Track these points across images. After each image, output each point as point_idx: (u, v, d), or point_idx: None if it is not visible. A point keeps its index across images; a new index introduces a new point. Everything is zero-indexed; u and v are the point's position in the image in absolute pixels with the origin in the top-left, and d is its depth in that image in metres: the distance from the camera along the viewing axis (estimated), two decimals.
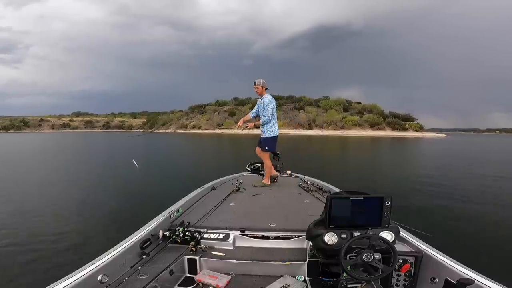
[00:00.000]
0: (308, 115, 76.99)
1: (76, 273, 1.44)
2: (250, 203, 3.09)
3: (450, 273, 1.53)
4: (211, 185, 3.76)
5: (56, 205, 6.14)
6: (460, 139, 62.35)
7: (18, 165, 13.39)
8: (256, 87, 4.14)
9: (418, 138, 52.79)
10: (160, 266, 1.78)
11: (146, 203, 5.57)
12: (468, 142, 43.07)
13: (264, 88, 4.14)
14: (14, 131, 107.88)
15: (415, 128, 73.74)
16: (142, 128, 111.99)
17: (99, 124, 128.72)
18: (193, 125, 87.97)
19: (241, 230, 2.27)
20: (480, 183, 9.11)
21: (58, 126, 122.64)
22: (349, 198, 1.63)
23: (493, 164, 15.17)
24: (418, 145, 33.90)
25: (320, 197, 3.31)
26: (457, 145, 34.58)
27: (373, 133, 66.22)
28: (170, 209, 2.54)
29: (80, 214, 5.48)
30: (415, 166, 13.87)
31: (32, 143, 32.62)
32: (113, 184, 8.65)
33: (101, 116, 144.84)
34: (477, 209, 6.03)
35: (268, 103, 4.13)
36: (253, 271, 1.96)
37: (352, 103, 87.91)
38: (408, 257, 1.73)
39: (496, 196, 7.24)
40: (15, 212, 5.53)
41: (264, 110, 4.16)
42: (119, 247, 1.75)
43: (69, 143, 33.14)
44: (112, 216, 5.23)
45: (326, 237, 1.61)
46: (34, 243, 4.07)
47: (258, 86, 4.12)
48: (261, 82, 4.11)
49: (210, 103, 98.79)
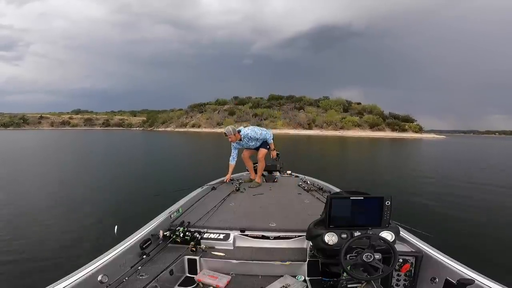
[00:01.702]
0: (308, 115, 77.03)
1: (76, 273, 1.43)
2: (250, 203, 3.08)
3: (450, 273, 1.53)
4: (211, 185, 3.76)
5: (56, 205, 6.11)
6: (460, 140, 62.46)
7: (17, 162, 13.35)
8: (230, 137, 4.01)
9: (418, 139, 52.84)
10: (160, 266, 1.78)
11: (146, 203, 5.56)
12: (467, 144, 43.10)
13: (236, 132, 4.01)
14: (13, 128, 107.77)
15: (415, 129, 73.83)
16: (141, 126, 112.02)
17: (99, 122, 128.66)
18: (193, 123, 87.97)
19: (241, 230, 2.27)
20: (480, 183, 9.12)
21: (58, 124, 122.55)
22: (349, 198, 1.63)
23: (493, 165, 15.19)
24: (418, 146, 33.92)
25: (320, 197, 3.31)
26: (457, 147, 34.63)
27: (373, 134, 66.29)
28: (170, 209, 2.54)
29: (80, 214, 5.46)
30: (415, 166, 13.88)
31: (31, 140, 32.55)
32: (113, 184, 8.62)
33: (100, 114, 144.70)
34: (477, 209, 6.04)
35: (251, 132, 4.09)
36: (253, 271, 1.96)
37: (352, 103, 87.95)
38: (408, 257, 1.73)
39: (496, 197, 7.25)
40: (15, 212, 5.52)
41: (259, 136, 4.12)
42: (119, 247, 1.75)
43: (68, 140, 33.07)
44: (112, 215, 5.22)
45: (326, 237, 1.62)
46: (33, 242, 4.06)
47: (231, 136, 3.99)
48: (230, 130, 3.99)
49: (210, 102, 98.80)
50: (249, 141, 4.16)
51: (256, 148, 4.28)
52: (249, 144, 4.20)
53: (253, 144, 4.22)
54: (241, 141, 4.12)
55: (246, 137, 4.10)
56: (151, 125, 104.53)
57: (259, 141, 4.21)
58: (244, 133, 4.08)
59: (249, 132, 4.08)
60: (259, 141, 4.21)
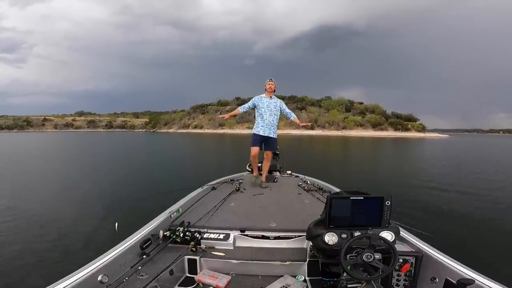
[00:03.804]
0: (310, 115, 76.99)
1: (76, 273, 1.44)
2: (250, 203, 3.08)
3: (451, 273, 1.52)
4: (211, 185, 3.76)
5: (55, 204, 6.16)
6: (464, 139, 61.97)
7: (21, 164, 13.46)
8: (271, 85, 4.07)
9: (421, 139, 52.53)
10: (160, 266, 1.79)
11: (146, 203, 5.58)
12: (472, 143, 42.75)
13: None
14: (17, 130, 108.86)
15: (418, 129, 73.52)
16: (144, 128, 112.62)
17: (102, 124, 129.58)
18: (195, 125, 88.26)
19: (241, 230, 2.27)
20: (481, 183, 9.05)
21: (61, 126, 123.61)
22: (349, 198, 1.63)
23: (498, 164, 15.06)
24: (421, 145, 33.72)
25: (320, 197, 3.30)
26: (461, 146, 34.37)
27: (375, 134, 66.09)
28: (170, 209, 2.54)
29: (80, 213, 5.50)
30: (416, 167, 13.81)
31: (35, 141, 32.83)
32: (114, 184, 8.67)
33: (103, 116, 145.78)
34: (477, 209, 5.99)
35: (283, 105, 4.15)
36: (253, 271, 1.96)
37: (354, 103, 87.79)
38: (408, 257, 1.73)
39: (497, 197, 7.18)
40: (15, 211, 5.56)
41: (283, 111, 4.16)
42: (119, 247, 1.75)
43: (71, 143, 33.29)
44: (112, 216, 5.25)
45: (326, 237, 1.61)
46: (33, 242, 4.08)
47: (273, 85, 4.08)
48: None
49: (212, 103, 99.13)
50: (275, 109, 4.11)
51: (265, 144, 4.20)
52: (272, 113, 4.10)
53: (272, 119, 4.11)
54: (270, 102, 4.07)
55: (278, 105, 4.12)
56: (154, 126, 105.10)
57: (276, 120, 4.15)
58: (278, 100, 4.13)
59: (278, 101, 4.13)
60: (276, 120, 4.15)
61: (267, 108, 4.07)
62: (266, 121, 4.08)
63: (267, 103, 4.08)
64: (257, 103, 4.09)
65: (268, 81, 4.09)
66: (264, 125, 4.09)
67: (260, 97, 4.12)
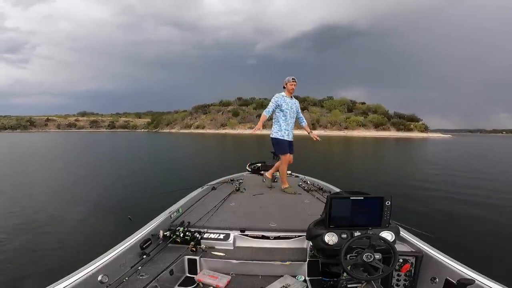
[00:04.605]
0: (312, 116, 76.85)
1: (77, 273, 1.44)
2: (250, 203, 3.09)
3: (451, 273, 1.52)
4: (211, 185, 3.77)
5: (55, 204, 6.19)
6: (467, 140, 61.52)
7: (24, 164, 13.55)
8: (293, 84, 3.67)
9: (424, 139, 52.26)
10: (160, 266, 1.79)
11: (146, 203, 5.60)
12: (475, 143, 42.43)
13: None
14: (20, 130, 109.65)
15: (420, 129, 73.18)
16: (146, 128, 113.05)
17: (105, 124, 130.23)
18: (197, 125, 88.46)
19: (241, 230, 2.27)
20: (481, 183, 8.99)
21: (64, 126, 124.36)
22: (349, 198, 1.63)
23: (500, 165, 14.96)
24: (424, 146, 33.54)
25: (320, 197, 3.30)
26: (464, 146, 34.16)
27: (378, 134, 65.86)
28: (170, 209, 2.55)
29: (80, 213, 5.52)
30: (417, 166, 13.76)
31: (38, 141, 33.03)
32: (114, 184, 8.70)
33: (106, 116, 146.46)
34: (477, 209, 5.95)
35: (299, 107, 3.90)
36: (253, 271, 1.96)
37: (356, 103, 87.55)
38: (408, 257, 1.72)
39: (497, 197, 7.13)
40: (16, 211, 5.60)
41: (298, 114, 3.88)
42: (119, 247, 1.76)
43: (74, 143, 33.46)
44: (112, 215, 5.27)
45: (326, 237, 1.61)
46: (33, 242, 4.09)
47: (294, 84, 3.68)
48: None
49: (214, 103, 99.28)
50: (296, 111, 3.82)
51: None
52: (293, 115, 3.79)
53: (292, 121, 3.81)
54: (292, 102, 3.76)
55: (297, 106, 3.86)
56: (156, 126, 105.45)
57: (293, 121, 3.83)
58: (296, 101, 3.86)
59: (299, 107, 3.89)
60: (293, 121, 3.83)
61: (290, 109, 3.72)
62: (290, 125, 3.77)
63: (290, 104, 3.73)
64: (281, 102, 3.68)
65: (291, 81, 3.66)
66: (289, 129, 3.76)
67: (283, 97, 3.70)
